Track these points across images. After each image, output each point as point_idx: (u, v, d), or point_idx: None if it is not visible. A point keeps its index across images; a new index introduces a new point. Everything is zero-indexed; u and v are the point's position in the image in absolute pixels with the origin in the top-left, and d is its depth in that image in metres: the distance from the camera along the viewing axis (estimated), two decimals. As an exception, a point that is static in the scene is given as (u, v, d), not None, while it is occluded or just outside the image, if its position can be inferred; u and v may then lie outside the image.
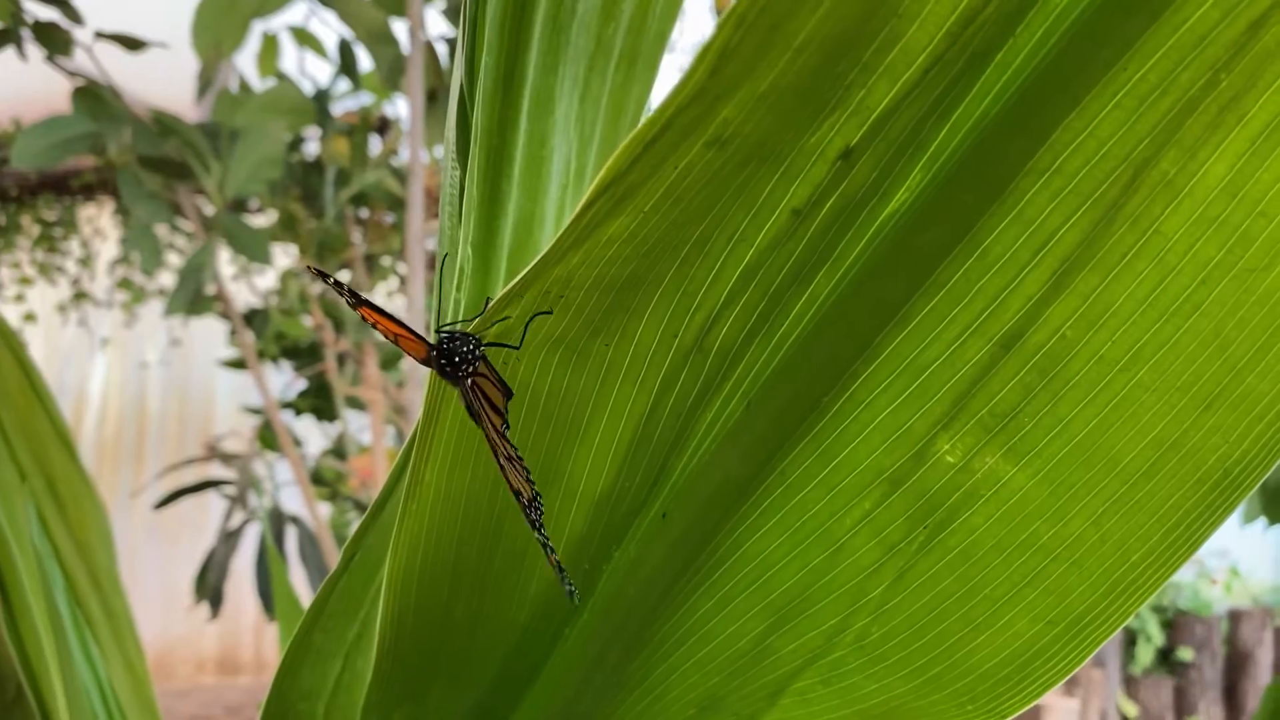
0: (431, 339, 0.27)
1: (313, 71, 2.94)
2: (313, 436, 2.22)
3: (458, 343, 0.26)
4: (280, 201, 1.81)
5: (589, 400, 0.29)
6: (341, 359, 1.83)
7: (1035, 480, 0.25)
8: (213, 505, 3.20)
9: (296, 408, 1.96)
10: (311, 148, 1.87)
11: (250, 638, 3.75)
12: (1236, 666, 3.36)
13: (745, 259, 0.25)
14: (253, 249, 1.55)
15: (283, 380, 2.06)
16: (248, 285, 1.98)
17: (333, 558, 1.49)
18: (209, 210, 1.60)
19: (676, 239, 0.24)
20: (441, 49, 1.49)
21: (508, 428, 0.28)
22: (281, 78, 1.65)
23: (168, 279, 2.32)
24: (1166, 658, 3.39)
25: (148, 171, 1.52)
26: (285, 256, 1.96)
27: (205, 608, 1.81)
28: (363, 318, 0.27)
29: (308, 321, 1.88)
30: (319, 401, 1.91)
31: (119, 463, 3.79)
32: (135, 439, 3.81)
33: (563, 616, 0.35)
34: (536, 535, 0.28)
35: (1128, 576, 0.25)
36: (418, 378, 1.34)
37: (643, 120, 0.18)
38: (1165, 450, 0.24)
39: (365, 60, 1.67)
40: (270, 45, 1.59)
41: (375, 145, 1.90)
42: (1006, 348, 0.24)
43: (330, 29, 1.63)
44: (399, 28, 1.50)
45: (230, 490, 1.86)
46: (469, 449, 0.29)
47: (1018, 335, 0.24)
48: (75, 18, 1.46)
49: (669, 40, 0.36)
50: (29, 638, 0.51)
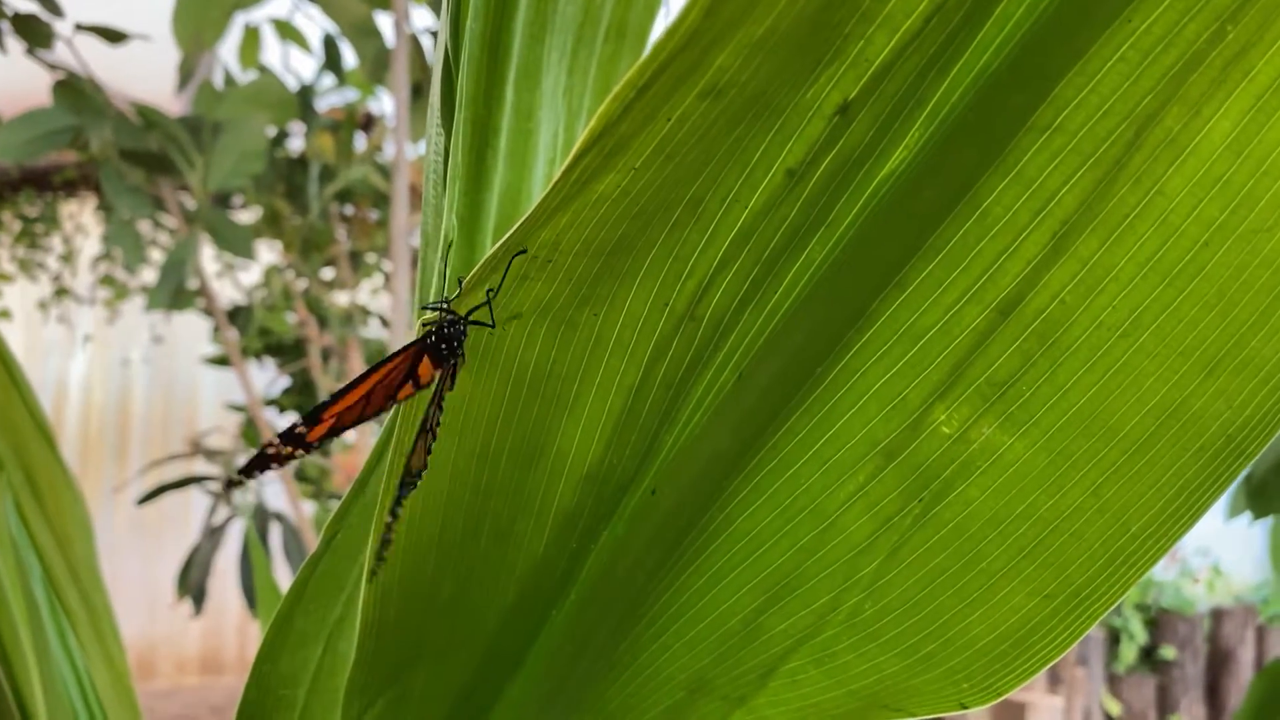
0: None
1: (298, 67, 2.92)
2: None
3: (449, 325, 0.25)
4: (264, 198, 1.80)
5: (577, 372, 0.28)
6: (326, 355, 1.82)
7: (1033, 450, 0.25)
8: (196, 503, 3.18)
9: (280, 405, 1.95)
10: (296, 143, 1.86)
11: (234, 637, 3.72)
12: (1219, 664, 3.38)
13: (739, 222, 0.24)
14: (236, 244, 1.53)
15: (266, 377, 2.04)
16: (231, 282, 1.96)
17: (316, 554, 1.47)
18: (192, 205, 1.59)
19: (668, 199, 0.23)
20: (426, 43, 1.48)
21: (450, 390, 0.27)
22: (264, 71, 1.64)
23: (151, 275, 2.30)
24: (1149, 656, 3.40)
25: (129, 165, 1.51)
26: (270, 253, 1.94)
27: (188, 606, 1.80)
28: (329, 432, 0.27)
29: (291, 318, 1.86)
30: (303, 398, 1.90)
31: (102, 461, 3.76)
32: (118, 437, 3.78)
33: (550, 596, 0.34)
34: (390, 517, 0.28)
35: (1128, 547, 0.24)
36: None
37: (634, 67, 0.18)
38: (1166, 417, 0.24)
39: (350, 56, 1.66)
40: (252, 38, 1.57)
41: (360, 141, 1.89)
42: (1005, 313, 0.24)
43: (315, 23, 1.61)
44: (383, 21, 1.49)
45: (214, 487, 1.84)
46: (453, 423, 0.29)
47: (1016, 300, 0.24)
48: (55, 10, 1.45)
49: (659, 12, 0.36)
50: (5, 630, 0.50)
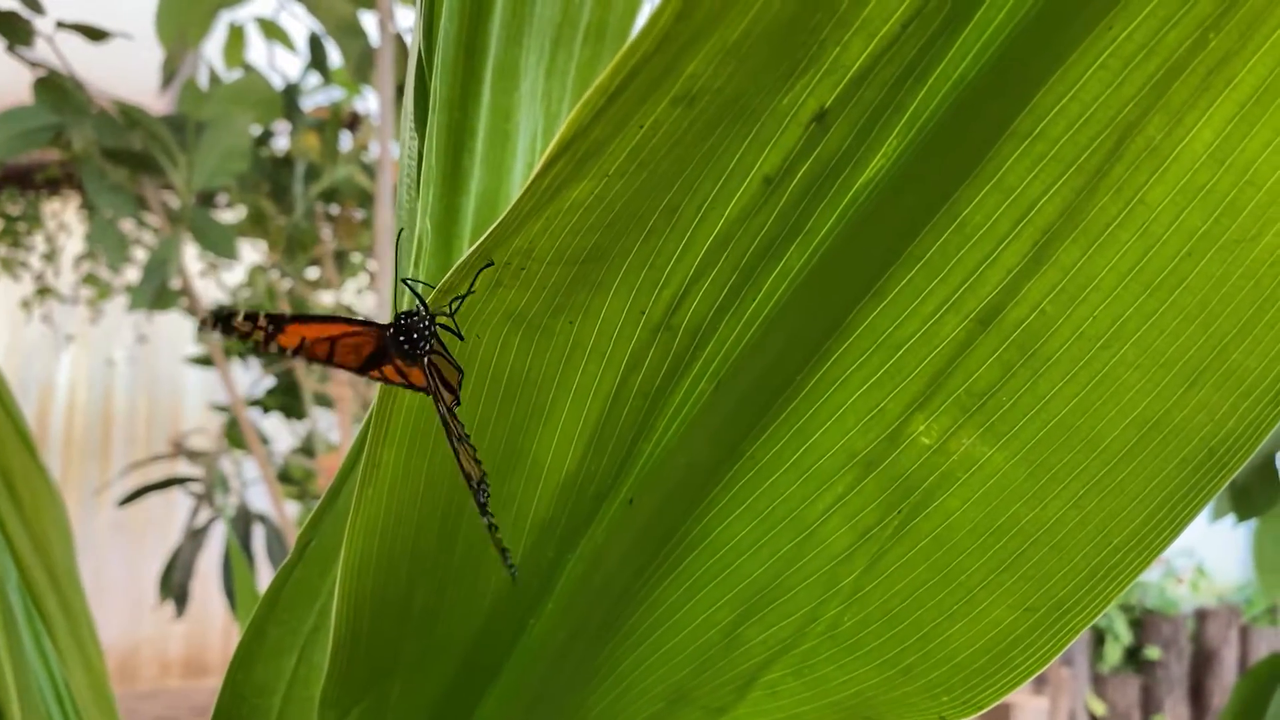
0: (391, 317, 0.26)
1: (283, 66, 2.91)
2: (281, 434, 2.19)
3: (415, 320, 0.25)
4: (249, 197, 1.79)
5: (553, 380, 0.28)
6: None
7: (1014, 461, 0.25)
8: (180, 504, 3.16)
9: (265, 405, 1.94)
10: (281, 143, 1.85)
11: (217, 639, 3.70)
12: (1202, 665, 3.39)
13: (715, 230, 0.24)
14: (219, 244, 1.52)
15: (251, 377, 2.03)
16: (215, 281, 1.95)
17: (300, 556, 1.46)
18: (175, 205, 1.58)
19: (643, 207, 0.23)
20: (412, 42, 1.47)
21: (458, 404, 0.26)
22: (249, 69, 1.63)
23: (135, 275, 2.28)
24: (1134, 656, 3.41)
25: (112, 164, 1.50)
26: (254, 253, 1.93)
27: (171, 607, 1.78)
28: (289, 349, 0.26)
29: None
30: (287, 399, 1.89)
31: (85, 461, 3.73)
32: (101, 437, 3.76)
33: (527, 605, 0.33)
34: (484, 520, 0.27)
35: (1109, 560, 0.24)
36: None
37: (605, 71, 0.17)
38: (1148, 429, 0.23)
39: (336, 55, 1.65)
40: (236, 36, 1.56)
41: (346, 141, 1.88)
42: (984, 323, 0.23)
43: (300, 22, 1.60)
44: (368, 21, 1.48)
45: (196, 488, 1.83)
46: (428, 430, 0.28)
47: (996, 310, 0.23)
48: (36, 7, 1.43)
49: (639, 13, 0.35)
50: (-22, 635, 0.49)
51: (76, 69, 1.48)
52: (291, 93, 1.66)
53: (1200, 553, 3.75)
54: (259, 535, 1.71)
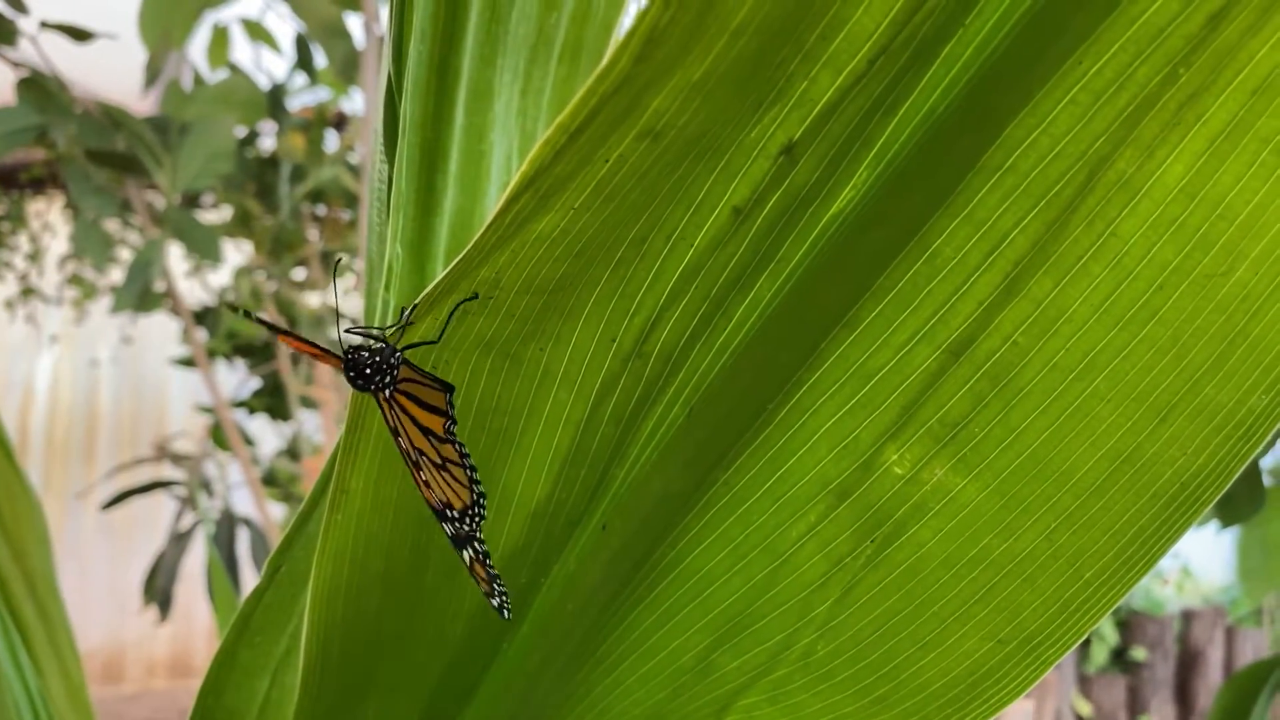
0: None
1: (270, 65, 2.89)
2: (267, 436, 2.18)
3: (370, 354, 0.24)
4: (235, 197, 1.78)
5: (524, 407, 0.27)
6: (295, 357, 1.80)
7: (986, 493, 0.24)
8: (166, 505, 3.14)
9: (250, 407, 1.93)
10: (267, 143, 1.84)
11: (203, 641, 3.68)
12: (1188, 665, 3.41)
13: (685, 259, 0.24)
14: (203, 246, 1.51)
15: (237, 378, 2.02)
16: (200, 282, 1.94)
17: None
18: (160, 205, 1.57)
19: (611, 238, 0.22)
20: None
21: (454, 423, 0.26)
22: (234, 70, 1.62)
23: (120, 275, 2.27)
24: (1120, 657, 3.42)
25: (95, 165, 1.49)
26: (239, 254, 1.92)
27: (155, 610, 1.77)
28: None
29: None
30: (273, 401, 1.88)
31: (69, 463, 3.71)
32: (85, 438, 3.73)
33: (500, 630, 0.33)
34: (465, 554, 0.27)
35: (1081, 594, 0.24)
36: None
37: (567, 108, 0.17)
38: (1120, 463, 0.23)
39: (322, 55, 1.64)
40: (220, 37, 1.56)
41: (332, 141, 1.87)
42: (956, 354, 0.23)
43: (287, 23, 1.60)
44: (353, 22, 1.47)
45: (181, 491, 1.82)
46: (397, 456, 0.28)
47: (968, 342, 0.23)
48: (20, 7, 1.42)
49: (616, 30, 0.35)
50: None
51: (60, 69, 1.47)
52: (277, 93, 1.65)
53: (1186, 554, 3.77)
54: (243, 538, 1.70)
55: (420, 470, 0.26)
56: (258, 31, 1.66)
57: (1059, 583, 0.24)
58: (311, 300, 1.93)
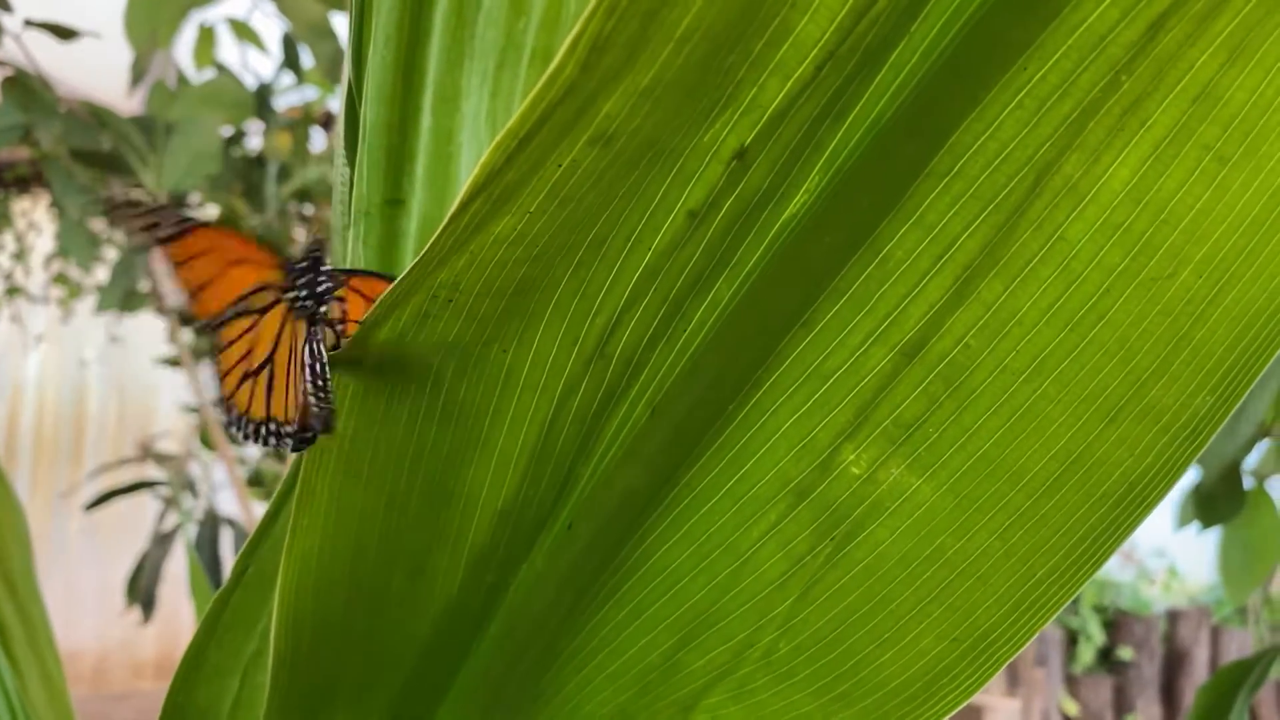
0: None
1: (257, 64, 2.89)
2: (254, 437, 2.17)
3: (319, 275, 0.25)
4: (222, 196, 1.77)
5: (488, 408, 0.28)
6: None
7: (940, 493, 0.25)
8: (151, 505, 3.14)
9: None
10: (254, 142, 1.84)
11: (189, 640, 3.67)
12: (1174, 665, 3.42)
13: (643, 262, 0.24)
14: (188, 245, 1.51)
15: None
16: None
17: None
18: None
19: (570, 241, 0.23)
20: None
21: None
22: (222, 70, 1.62)
23: (106, 274, 2.26)
24: (1107, 657, 3.44)
25: (80, 165, 1.48)
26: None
27: (140, 611, 1.77)
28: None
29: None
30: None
31: (56, 462, 3.70)
32: (73, 438, 3.72)
33: (470, 629, 0.33)
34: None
35: (1032, 593, 0.24)
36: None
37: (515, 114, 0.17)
38: (1070, 464, 0.23)
39: (309, 54, 1.64)
40: (206, 37, 1.55)
41: (319, 140, 1.87)
42: (909, 356, 0.24)
43: (273, 22, 1.60)
44: (340, 21, 1.47)
45: (165, 492, 1.82)
46: (363, 457, 0.28)
47: (921, 344, 0.23)
48: (4, 5, 1.42)
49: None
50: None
51: (45, 68, 1.46)
52: (264, 92, 1.65)
53: (1172, 554, 3.78)
54: (227, 539, 1.70)
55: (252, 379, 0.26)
56: (244, 31, 1.66)
57: (1011, 581, 0.24)
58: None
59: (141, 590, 1.65)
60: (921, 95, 0.21)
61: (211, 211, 1.84)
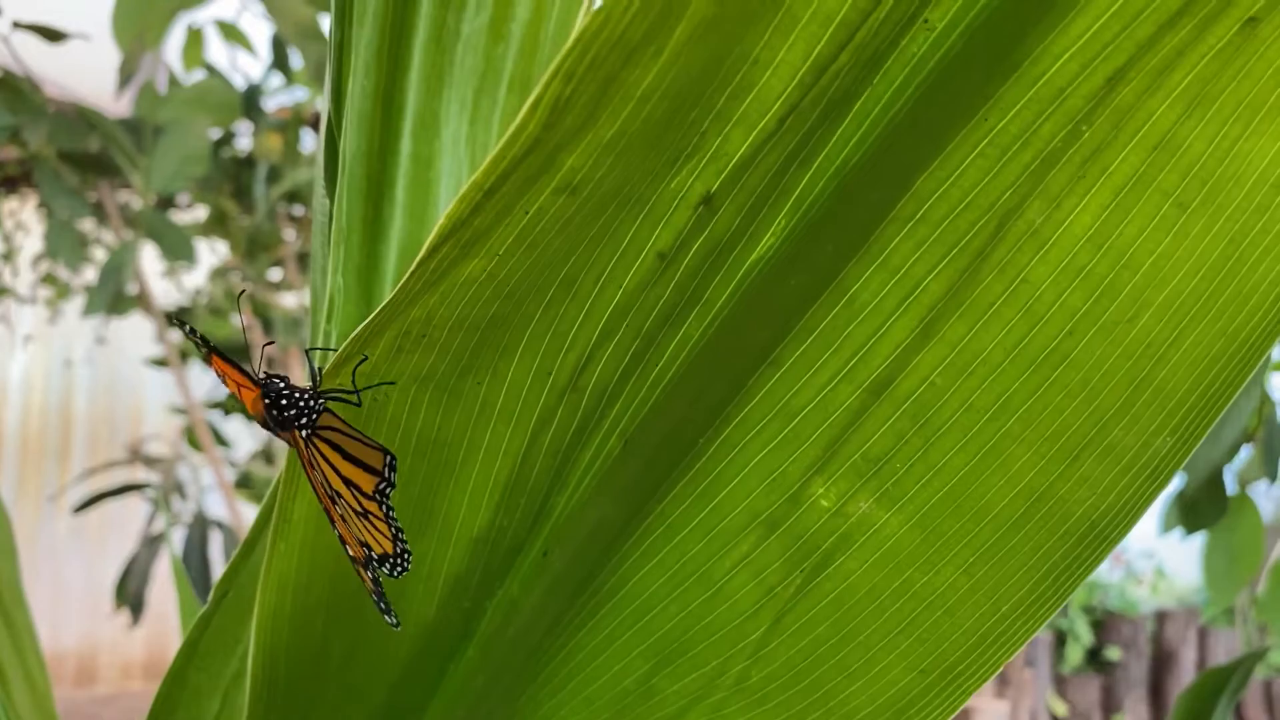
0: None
1: (246, 66, 2.88)
2: (243, 438, 2.18)
3: (291, 391, 0.24)
4: (211, 197, 1.77)
5: (463, 439, 0.28)
6: (270, 360, 1.80)
7: (908, 526, 0.25)
8: (141, 507, 3.13)
9: (225, 407, 1.92)
10: (243, 143, 1.83)
11: (178, 644, 3.66)
12: (1162, 665, 3.44)
13: (614, 300, 0.24)
14: (176, 247, 1.51)
15: (211, 380, 2.02)
16: (175, 283, 1.93)
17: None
18: (135, 206, 1.56)
19: (540, 281, 0.23)
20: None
21: (390, 486, 0.26)
22: (212, 71, 1.61)
23: (94, 274, 2.25)
24: (1095, 657, 3.45)
25: (68, 166, 1.48)
26: (213, 255, 1.92)
27: (128, 614, 1.77)
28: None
29: (236, 321, 1.84)
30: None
31: (43, 464, 3.69)
32: (59, 439, 3.71)
33: (445, 654, 0.34)
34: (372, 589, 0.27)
35: (997, 628, 0.24)
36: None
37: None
38: (1034, 500, 0.24)
39: (298, 56, 1.64)
40: (195, 39, 1.55)
41: (309, 141, 1.87)
42: (877, 394, 0.24)
43: (262, 24, 1.59)
44: (327, 23, 1.47)
45: (153, 494, 1.81)
46: (339, 488, 0.28)
47: (887, 382, 0.24)
48: (-9, 8, 1.42)
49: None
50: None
51: (33, 69, 1.46)
52: (253, 94, 1.65)
53: (1160, 555, 3.80)
54: (216, 541, 1.70)
55: (336, 506, 0.26)
56: (233, 33, 1.66)
57: (977, 615, 0.25)
58: (287, 301, 1.93)
59: (130, 592, 1.64)
60: (885, 142, 0.21)
61: (200, 213, 1.83)
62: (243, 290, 1.85)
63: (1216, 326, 0.22)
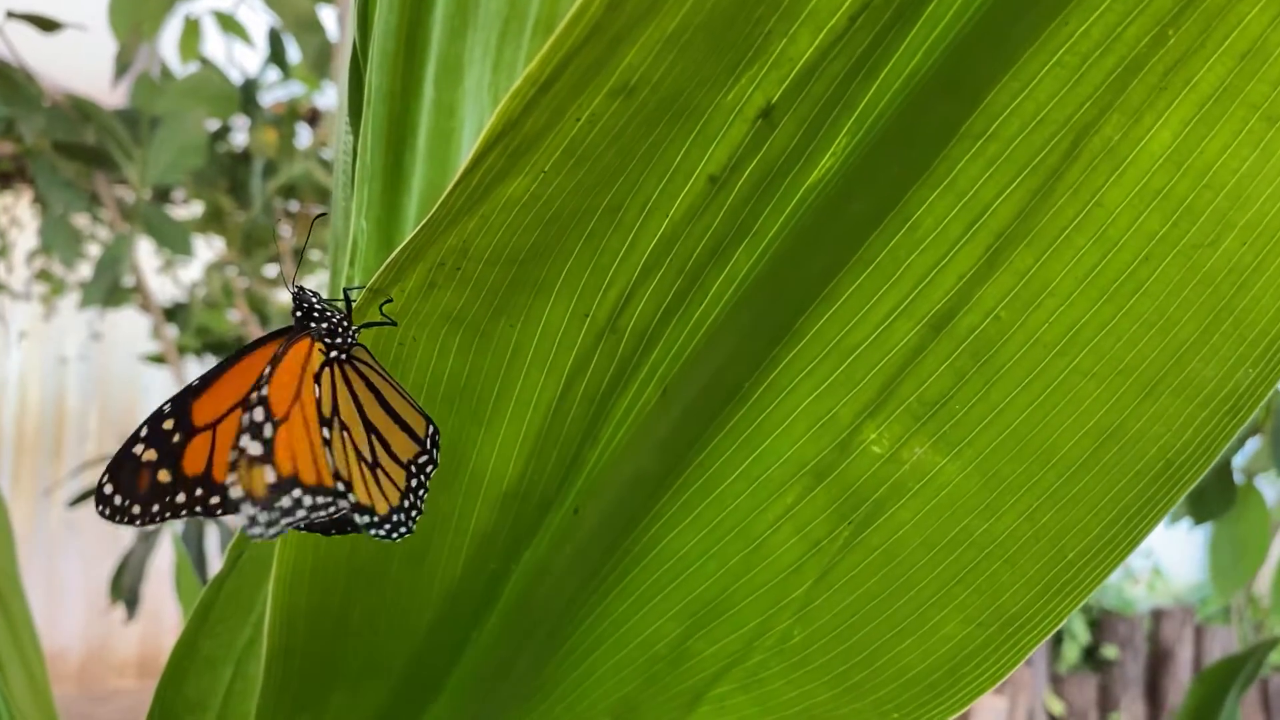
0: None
1: (242, 60, 2.87)
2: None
3: (332, 315, 0.23)
4: (207, 192, 1.75)
5: (494, 385, 0.27)
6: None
7: (966, 472, 0.24)
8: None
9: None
10: (239, 138, 1.82)
11: (173, 640, 3.63)
12: (1159, 664, 3.43)
13: (660, 230, 0.23)
14: (174, 241, 1.50)
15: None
16: (171, 278, 1.91)
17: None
18: (131, 199, 1.55)
19: (584, 206, 0.22)
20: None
21: (432, 465, 0.25)
22: (206, 63, 1.60)
23: (89, 270, 2.23)
24: (1092, 655, 3.44)
25: (64, 159, 1.46)
26: (210, 249, 1.90)
27: (123, 609, 1.75)
28: None
29: (233, 316, 1.82)
30: (244, 398, 1.85)
31: (38, 460, 3.66)
32: (54, 435, 3.68)
33: (470, 618, 0.32)
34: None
35: (1063, 575, 0.23)
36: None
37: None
38: (1104, 440, 0.22)
39: (295, 50, 1.62)
40: (192, 30, 1.54)
41: (305, 136, 1.85)
42: (937, 329, 0.23)
43: (260, 16, 1.58)
44: (327, 15, 1.46)
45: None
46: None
47: (949, 316, 0.22)
48: (-14, -4, 1.40)
49: None
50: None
51: (28, 60, 1.44)
52: (250, 87, 1.64)
53: (1157, 554, 3.80)
54: (213, 535, 1.68)
55: (329, 430, 0.24)
56: (230, 24, 1.64)
57: (1041, 563, 0.23)
58: (284, 296, 1.91)
59: (126, 588, 1.63)
60: (956, 52, 0.20)
61: (196, 209, 1.82)
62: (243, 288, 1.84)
63: (1305, 250, 0.21)
